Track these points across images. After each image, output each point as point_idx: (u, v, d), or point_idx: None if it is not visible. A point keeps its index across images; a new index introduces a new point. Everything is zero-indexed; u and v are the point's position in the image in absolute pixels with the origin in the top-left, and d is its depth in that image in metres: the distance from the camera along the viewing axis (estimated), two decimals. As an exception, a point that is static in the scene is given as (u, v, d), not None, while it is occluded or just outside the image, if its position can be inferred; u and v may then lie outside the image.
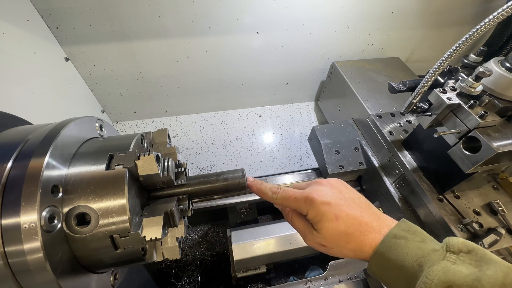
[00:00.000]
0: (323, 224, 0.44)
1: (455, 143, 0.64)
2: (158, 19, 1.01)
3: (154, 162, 0.40)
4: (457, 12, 1.29)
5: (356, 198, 0.47)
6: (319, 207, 0.45)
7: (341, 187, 0.49)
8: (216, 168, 1.36)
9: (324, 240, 0.45)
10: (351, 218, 0.44)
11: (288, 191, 0.49)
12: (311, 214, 0.45)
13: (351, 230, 0.43)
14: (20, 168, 0.34)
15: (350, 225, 0.43)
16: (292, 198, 0.47)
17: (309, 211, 0.46)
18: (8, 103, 0.75)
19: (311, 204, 0.45)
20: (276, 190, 0.50)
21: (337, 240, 0.44)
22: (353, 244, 0.43)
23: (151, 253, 0.43)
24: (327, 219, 0.44)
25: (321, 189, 0.47)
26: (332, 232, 0.44)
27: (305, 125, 1.53)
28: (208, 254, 1.27)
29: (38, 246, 0.31)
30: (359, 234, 0.43)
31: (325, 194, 0.46)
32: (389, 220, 0.45)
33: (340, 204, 0.45)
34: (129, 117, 1.39)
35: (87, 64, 1.09)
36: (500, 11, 0.51)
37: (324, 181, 0.50)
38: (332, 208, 0.44)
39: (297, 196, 0.47)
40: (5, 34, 0.76)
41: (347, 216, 0.44)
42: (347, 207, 0.45)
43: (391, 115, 0.97)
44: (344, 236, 0.44)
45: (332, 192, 0.47)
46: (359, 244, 0.43)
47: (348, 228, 0.43)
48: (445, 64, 0.59)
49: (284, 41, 1.21)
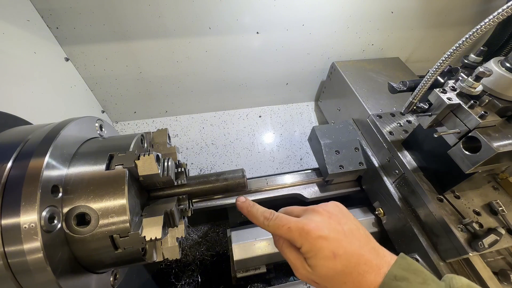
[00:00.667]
0: (318, 261, 0.40)
1: (455, 143, 0.64)
2: (158, 19, 1.01)
3: (154, 162, 0.40)
4: (457, 12, 1.29)
5: (355, 230, 0.43)
6: (315, 242, 0.40)
7: (339, 216, 0.45)
8: (216, 168, 1.36)
9: (318, 278, 0.41)
10: (350, 256, 0.40)
11: (282, 218, 0.44)
12: (305, 248, 0.41)
13: (349, 269, 0.39)
14: (20, 168, 0.34)
15: (348, 264, 0.39)
16: (286, 228, 0.43)
17: (304, 244, 0.41)
18: (8, 103, 0.74)
19: (306, 238, 0.41)
20: (268, 215, 0.46)
21: (332, 279, 0.40)
22: (350, 285, 0.39)
23: (151, 253, 0.43)
24: (324, 257, 0.40)
25: (318, 220, 0.43)
26: (327, 272, 0.40)
27: (305, 125, 1.53)
28: (208, 254, 1.27)
29: (38, 246, 0.31)
30: (357, 274, 0.39)
31: (322, 226, 0.42)
32: (388, 256, 0.42)
33: (339, 239, 0.41)
34: (129, 117, 1.39)
35: (87, 64, 1.09)
36: (500, 11, 0.51)
37: (321, 209, 0.45)
38: (330, 243, 0.40)
39: (292, 226, 0.42)
40: (5, 34, 0.76)
41: (345, 254, 0.40)
42: (346, 242, 0.41)
43: (391, 115, 0.97)
44: (340, 276, 0.40)
45: (330, 224, 0.42)
46: (357, 285, 0.39)
47: (346, 267, 0.39)
48: (445, 64, 0.59)
49: (284, 41, 1.21)
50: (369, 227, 0.94)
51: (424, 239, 0.76)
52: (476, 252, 0.64)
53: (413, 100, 0.67)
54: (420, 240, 0.76)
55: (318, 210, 0.45)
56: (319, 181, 1.02)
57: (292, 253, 0.44)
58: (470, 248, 0.64)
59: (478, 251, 0.63)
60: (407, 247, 0.81)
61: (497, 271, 0.71)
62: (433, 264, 0.72)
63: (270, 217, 0.45)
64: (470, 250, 0.64)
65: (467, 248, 0.65)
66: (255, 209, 0.48)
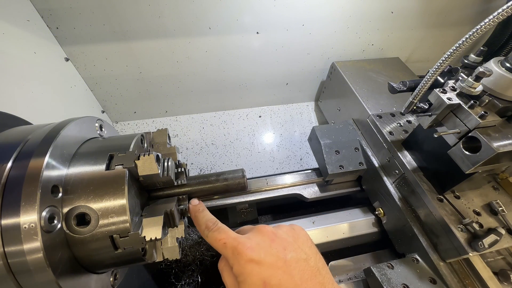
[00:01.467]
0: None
1: (455, 143, 0.64)
2: (158, 19, 1.01)
3: (154, 162, 0.40)
4: (457, 12, 1.29)
5: (302, 260, 0.37)
6: (245, 265, 0.35)
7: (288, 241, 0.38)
8: (216, 168, 1.36)
9: None
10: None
11: (221, 231, 0.40)
12: (236, 270, 0.36)
13: None
14: (20, 168, 0.34)
15: None
16: (222, 242, 0.39)
17: (234, 265, 0.37)
18: (8, 103, 0.74)
19: (237, 258, 0.36)
20: (211, 225, 0.42)
21: None
22: None
23: (151, 253, 0.43)
24: (252, 284, 0.35)
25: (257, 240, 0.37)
26: None
27: (305, 125, 1.53)
28: (208, 254, 1.27)
29: (38, 246, 0.31)
30: None
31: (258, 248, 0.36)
32: None
33: (275, 266, 0.35)
34: (129, 117, 1.39)
35: (87, 64, 1.09)
36: (500, 11, 0.51)
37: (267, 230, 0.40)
38: (262, 269, 0.35)
39: (227, 242, 0.38)
40: (5, 34, 0.76)
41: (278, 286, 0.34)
42: (284, 271, 0.35)
43: (391, 115, 0.97)
44: None
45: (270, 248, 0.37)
46: None
47: None
48: (445, 64, 0.59)
49: (284, 41, 1.21)
50: (369, 227, 0.94)
51: (424, 239, 0.76)
52: (476, 252, 0.64)
53: (413, 100, 0.67)
54: (420, 240, 0.76)
55: (263, 230, 0.40)
56: (319, 181, 1.02)
57: (229, 277, 0.38)
58: (470, 248, 0.64)
59: (478, 251, 0.63)
60: (407, 247, 0.80)
61: (497, 271, 0.71)
62: (433, 264, 0.72)
63: (211, 227, 0.42)
64: (470, 250, 0.64)
65: (467, 248, 0.65)
66: (201, 215, 0.44)
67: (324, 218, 0.95)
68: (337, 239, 0.90)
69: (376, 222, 0.95)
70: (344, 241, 0.92)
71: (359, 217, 0.96)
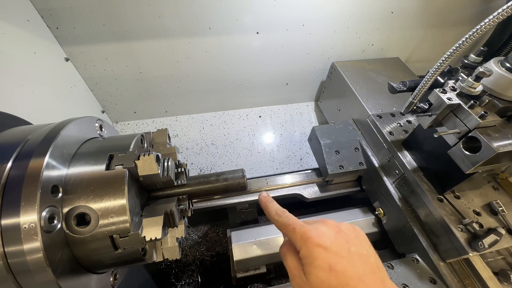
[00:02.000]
0: (313, 270, 0.38)
1: (455, 143, 0.64)
2: (158, 19, 1.01)
3: (154, 162, 0.40)
4: (457, 12, 1.29)
5: (364, 255, 0.40)
6: (313, 248, 0.38)
7: (351, 236, 0.42)
8: (216, 168, 1.36)
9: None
10: (348, 277, 0.36)
11: (291, 218, 0.44)
12: (303, 252, 0.40)
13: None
14: (20, 168, 0.34)
15: (344, 285, 0.36)
16: (291, 227, 0.42)
17: (302, 248, 0.40)
18: (8, 103, 0.74)
19: (306, 242, 0.39)
20: (281, 213, 0.46)
21: None
22: None
23: (151, 254, 0.43)
24: (318, 266, 0.37)
25: (323, 230, 0.41)
26: (320, 284, 0.37)
27: (305, 125, 1.53)
28: (208, 254, 1.27)
29: (38, 246, 0.31)
30: None
31: (325, 236, 0.40)
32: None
33: (341, 254, 0.38)
34: (129, 117, 1.39)
35: (87, 64, 1.09)
36: (500, 11, 0.51)
37: (332, 223, 0.43)
38: (328, 255, 0.38)
39: (297, 228, 0.42)
40: (5, 34, 0.76)
41: (343, 272, 0.37)
42: (348, 261, 0.38)
43: (391, 115, 0.97)
44: None
45: (336, 238, 0.40)
46: None
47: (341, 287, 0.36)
48: (445, 64, 0.59)
49: (284, 41, 1.21)
50: (369, 227, 0.94)
51: (424, 239, 0.76)
52: (476, 252, 0.64)
53: (413, 100, 0.67)
54: (420, 240, 0.76)
55: (328, 223, 0.43)
56: (319, 181, 1.02)
57: (293, 260, 0.42)
58: (470, 248, 0.64)
59: (478, 251, 0.63)
60: (407, 247, 0.80)
61: (497, 271, 0.71)
62: (433, 264, 0.72)
63: (282, 214, 0.46)
64: (470, 250, 0.64)
65: (467, 248, 0.65)
66: (271, 204, 0.49)
67: (324, 218, 0.95)
68: (337, 239, 0.90)
69: (376, 222, 0.95)
70: (344, 241, 0.92)
71: (359, 217, 0.96)
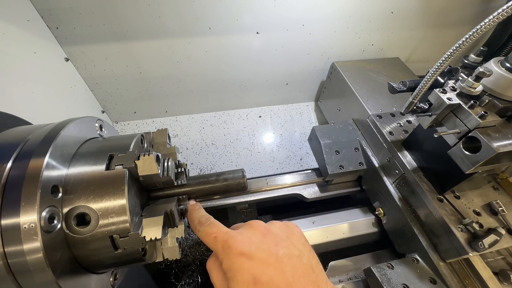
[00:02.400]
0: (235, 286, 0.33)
1: (455, 143, 0.64)
2: (158, 19, 1.01)
3: (154, 162, 0.40)
4: (457, 12, 1.29)
5: (295, 257, 0.35)
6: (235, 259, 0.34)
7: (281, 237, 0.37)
8: (216, 168, 1.36)
9: None
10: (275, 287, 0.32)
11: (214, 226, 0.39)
12: (225, 265, 0.35)
13: None
14: (20, 168, 0.34)
15: None
16: (212, 236, 0.37)
17: (224, 260, 0.35)
18: (8, 103, 0.74)
19: (227, 252, 0.35)
20: (204, 220, 0.41)
21: None
22: None
23: (151, 254, 0.43)
24: (241, 281, 0.33)
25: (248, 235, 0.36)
26: None
27: (305, 125, 1.53)
28: (208, 254, 1.27)
29: (38, 246, 0.31)
30: None
31: (249, 242, 0.35)
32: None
33: (267, 262, 0.34)
34: (129, 117, 1.39)
35: (87, 64, 1.09)
36: (500, 11, 0.51)
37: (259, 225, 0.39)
38: (253, 265, 0.33)
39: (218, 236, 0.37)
40: (5, 34, 0.76)
41: (269, 283, 0.32)
42: (276, 268, 0.33)
43: (391, 115, 0.97)
44: None
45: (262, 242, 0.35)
46: None
47: None
48: (445, 64, 0.59)
49: (284, 41, 1.21)
50: (369, 227, 0.94)
51: (424, 239, 0.76)
52: (476, 252, 0.64)
53: (413, 100, 0.67)
54: (420, 240, 0.76)
55: (255, 225, 0.39)
56: (319, 181, 1.02)
57: (218, 276, 0.37)
58: (470, 248, 0.64)
59: (478, 251, 0.63)
60: (407, 247, 0.80)
61: (497, 271, 0.71)
62: (433, 264, 0.72)
63: (204, 222, 0.41)
64: (470, 250, 0.64)
65: (467, 248, 0.65)
66: (196, 212, 0.44)
67: (324, 218, 0.95)
68: (337, 239, 0.90)
69: (376, 222, 0.95)
70: (344, 241, 0.92)
71: (359, 217, 0.96)
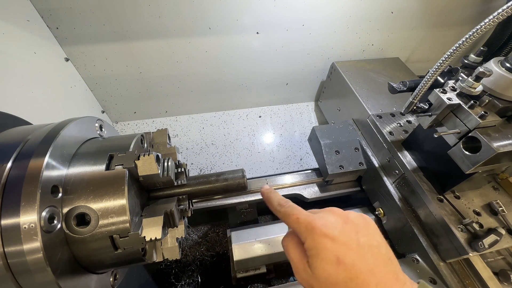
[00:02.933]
0: (319, 263, 0.35)
1: (455, 143, 0.64)
2: (158, 19, 1.01)
3: (154, 162, 0.40)
4: (457, 12, 1.29)
5: (374, 246, 0.37)
6: (319, 239, 0.36)
7: (360, 226, 0.39)
8: (216, 168, 1.36)
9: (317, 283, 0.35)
10: (358, 270, 0.34)
11: (294, 208, 0.41)
12: (308, 243, 0.37)
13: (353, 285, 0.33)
14: (20, 168, 0.34)
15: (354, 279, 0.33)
16: (295, 217, 0.39)
17: (307, 239, 0.37)
18: (8, 103, 0.74)
19: (311, 233, 0.37)
20: (283, 203, 0.43)
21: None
22: None
23: (151, 254, 0.43)
24: (325, 259, 0.35)
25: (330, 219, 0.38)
26: (327, 278, 0.34)
27: (305, 125, 1.53)
28: (208, 255, 1.27)
29: (38, 246, 0.31)
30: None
31: (332, 226, 0.37)
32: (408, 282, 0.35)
33: (349, 245, 0.35)
34: (129, 117, 1.39)
35: (87, 64, 1.09)
36: (500, 11, 0.51)
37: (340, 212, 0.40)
38: (336, 246, 0.35)
39: (301, 217, 0.39)
40: (5, 34, 0.76)
41: (353, 265, 0.34)
42: (357, 253, 0.35)
43: (391, 115, 0.97)
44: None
45: (344, 228, 0.37)
46: None
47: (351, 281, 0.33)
48: (445, 64, 0.59)
49: (284, 41, 1.21)
50: (369, 227, 0.94)
51: (424, 239, 0.76)
52: (476, 252, 0.64)
53: (413, 100, 0.67)
54: (420, 240, 0.76)
55: (336, 212, 0.41)
56: (319, 181, 1.02)
57: (296, 253, 0.39)
58: (470, 248, 0.64)
59: (478, 251, 0.63)
60: (407, 247, 0.80)
61: (497, 271, 0.71)
62: (433, 264, 0.72)
63: (284, 204, 0.43)
64: (470, 250, 0.64)
65: (467, 248, 0.65)
66: (273, 195, 0.46)
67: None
68: (337, 239, 0.90)
69: (376, 222, 0.95)
70: (344, 241, 0.92)
71: (359, 217, 0.96)
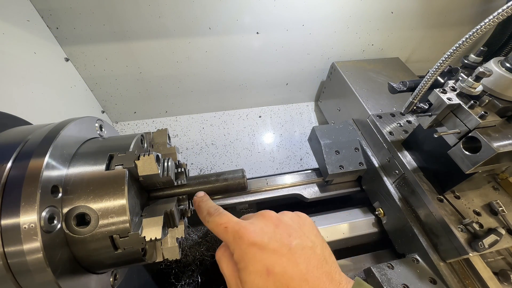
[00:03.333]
0: (247, 276, 0.32)
1: (455, 143, 0.64)
2: (158, 19, 1.01)
3: (154, 162, 0.40)
4: (457, 12, 1.29)
5: (308, 248, 0.34)
6: (246, 249, 0.33)
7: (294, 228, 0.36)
8: (216, 168, 1.36)
9: None
10: (288, 279, 0.31)
11: (224, 216, 0.38)
12: (237, 255, 0.34)
13: None
14: (20, 168, 0.34)
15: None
16: (223, 227, 0.36)
17: (235, 250, 0.34)
18: (8, 103, 0.74)
19: (239, 242, 0.34)
20: (213, 211, 0.40)
21: None
22: None
23: (151, 254, 0.43)
24: (254, 271, 0.32)
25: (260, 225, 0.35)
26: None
27: (305, 125, 1.53)
28: (208, 255, 1.27)
29: (38, 246, 0.31)
30: None
31: (262, 232, 0.34)
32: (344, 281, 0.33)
33: (280, 252, 0.33)
34: (129, 117, 1.39)
35: (87, 64, 1.09)
36: (500, 11, 0.51)
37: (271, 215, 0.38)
38: (265, 255, 0.32)
39: (229, 226, 0.36)
40: (5, 34, 0.76)
41: (283, 275, 0.31)
42: (289, 259, 0.32)
43: (391, 115, 0.97)
44: None
45: (275, 233, 0.34)
46: None
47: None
48: (445, 64, 0.59)
49: (284, 41, 1.21)
50: (369, 227, 0.94)
51: (424, 239, 0.76)
52: (476, 252, 0.64)
53: (413, 100, 0.67)
54: (420, 240, 0.76)
55: (266, 215, 0.38)
56: (319, 181, 1.02)
57: (229, 267, 0.36)
58: (470, 248, 0.64)
59: (478, 251, 0.63)
60: (407, 247, 0.80)
61: (497, 271, 0.71)
62: (433, 264, 0.72)
63: (213, 213, 0.40)
64: (470, 250, 0.64)
65: (467, 248, 0.65)
66: (204, 203, 0.43)
67: (324, 218, 0.95)
68: (337, 239, 0.90)
69: (376, 222, 0.95)
70: (344, 241, 0.92)
71: (359, 217, 0.96)
